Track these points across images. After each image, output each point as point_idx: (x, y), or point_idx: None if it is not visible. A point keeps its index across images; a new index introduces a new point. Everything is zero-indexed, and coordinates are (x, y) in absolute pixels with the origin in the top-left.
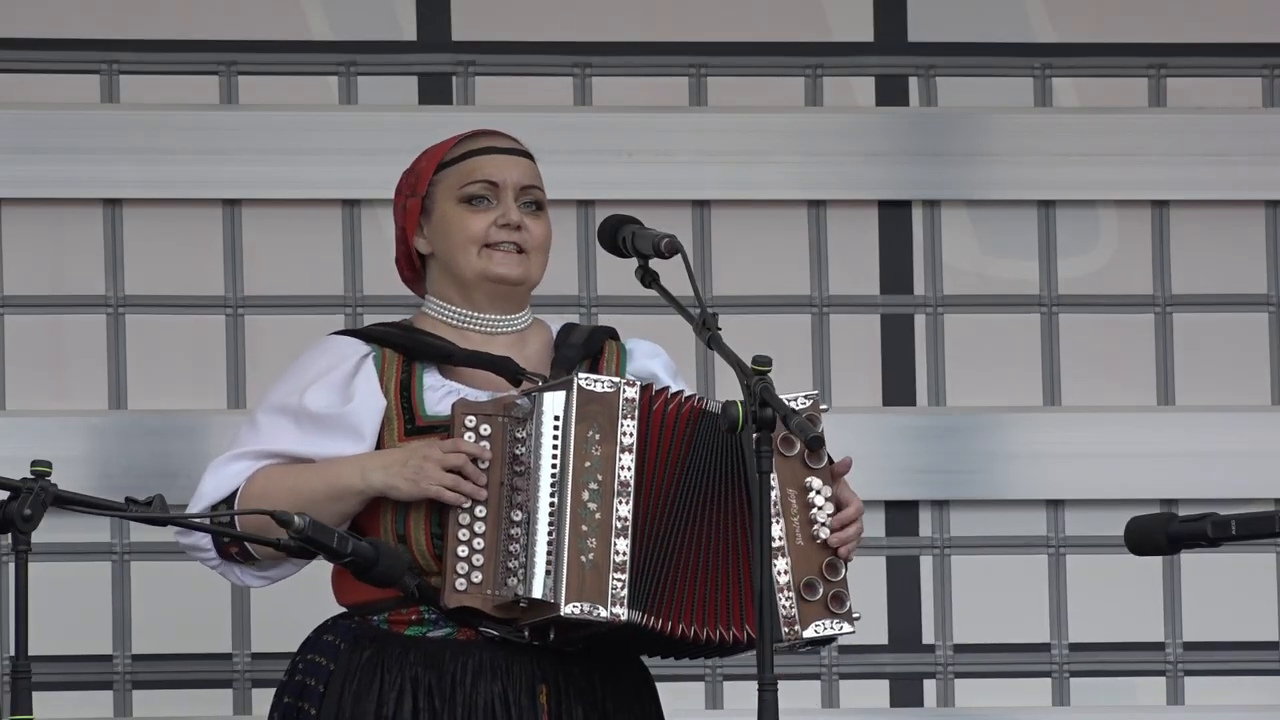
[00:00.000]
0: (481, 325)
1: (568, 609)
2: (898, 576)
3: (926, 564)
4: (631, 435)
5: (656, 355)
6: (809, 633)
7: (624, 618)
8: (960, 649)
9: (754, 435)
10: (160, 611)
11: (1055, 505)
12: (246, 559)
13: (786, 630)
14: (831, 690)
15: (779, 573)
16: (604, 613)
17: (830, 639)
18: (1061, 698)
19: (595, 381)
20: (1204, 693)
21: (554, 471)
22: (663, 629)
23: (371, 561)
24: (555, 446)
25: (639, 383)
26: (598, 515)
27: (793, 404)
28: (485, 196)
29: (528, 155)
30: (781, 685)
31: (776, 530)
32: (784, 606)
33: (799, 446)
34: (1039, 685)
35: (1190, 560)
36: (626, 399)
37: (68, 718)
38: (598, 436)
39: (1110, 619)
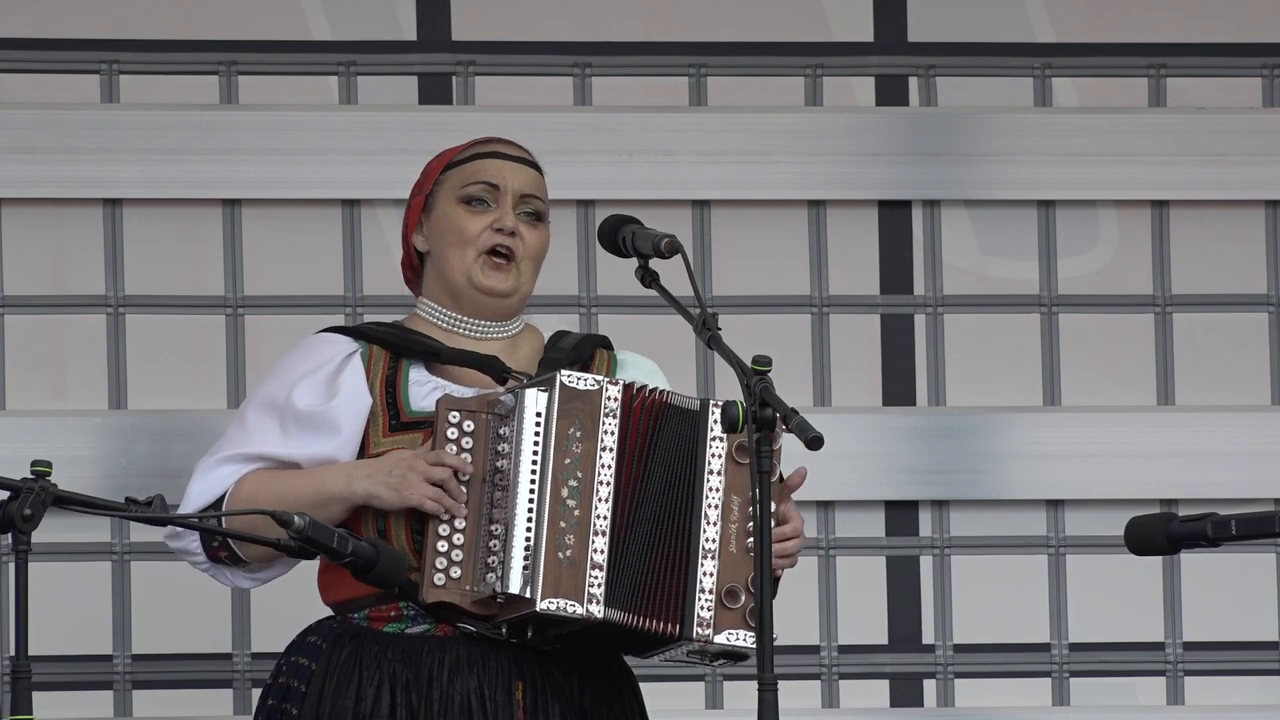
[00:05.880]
0: (470, 330)
1: (543, 604)
2: (898, 576)
3: (926, 564)
4: (613, 434)
5: (655, 374)
6: (720, 638)
7: (600, 615)
8: (960, 649)
9: (755, 435)
10: (160, 611)
11: (1055, 505)
12: (235, 561)
13: (698, 630)
14: (831, 690)
15: (704, 574)
16: (580, 609)
17: (741, 654)
18: (1061, 698)
19: (579, 379)
20: (1204, 693)
21: (534, 468)
22: (641, 626)
23: (371, 561)
24: (536, 443)
25: (622, 382)
26: (576, 513)
27: None
28: (484, 199)
29: (535, 167)
30: (781, 685)
31: (712, 533)
32: (702, 608)
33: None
34: (1039, 685)
35: (1190, 560)
36: (609, 397)
37: (68, 718)
38: (579, 434)
39: (1110, 619)
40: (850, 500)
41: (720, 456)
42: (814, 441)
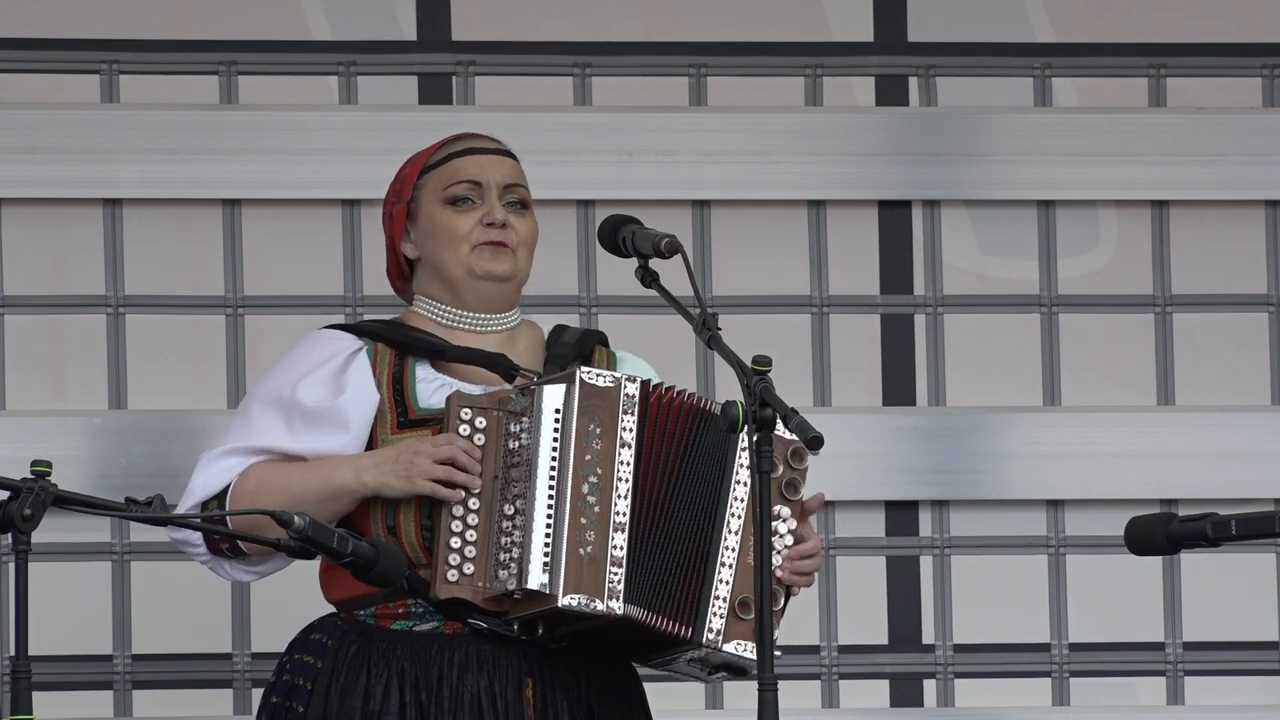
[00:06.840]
0: (470, 324)
1: (565, 600)
2: (898, 576)
3: (926, 564)
4: (632, 430)
5: (651, 376)
6: (729, 647)
7: (620, 612)
8: (960, 649)
9: (754, 435)
10: (160, 611)
11: (1055, 505)
12: (236, 554)
13: (708, 636)
14: (831, 690)
15: (720, 581)
16: (600, 605)
17: (743, 668)
18: (1061, 698)
19: (598, 376)
20: (1204, 693)
21: (554, 463)
22: (657, 625)
23: (372, 561)
24: (555, 439)
25: (639, 379)
26: (597, 509)
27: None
28: (469, 197)
29: (510, 155)
30: (781, 685)
31: (732, 541)
32: (714, 615)
33: (781, 469)
34: (1039, 685)
35: (1190, 560)
36: (628, 394)
37: (68, 718)
38: (599, 430)
39: (1110, 619)
40: (850, 500)
41: (749, 468)
42: (814, 441)
